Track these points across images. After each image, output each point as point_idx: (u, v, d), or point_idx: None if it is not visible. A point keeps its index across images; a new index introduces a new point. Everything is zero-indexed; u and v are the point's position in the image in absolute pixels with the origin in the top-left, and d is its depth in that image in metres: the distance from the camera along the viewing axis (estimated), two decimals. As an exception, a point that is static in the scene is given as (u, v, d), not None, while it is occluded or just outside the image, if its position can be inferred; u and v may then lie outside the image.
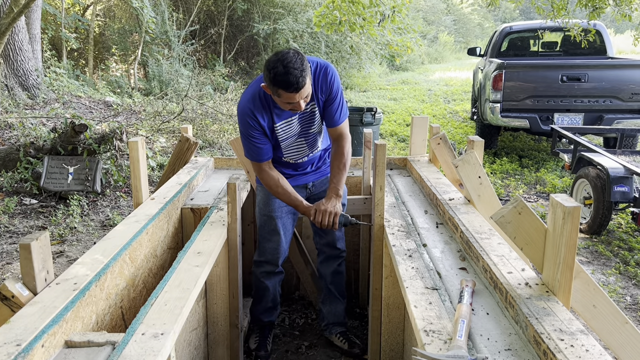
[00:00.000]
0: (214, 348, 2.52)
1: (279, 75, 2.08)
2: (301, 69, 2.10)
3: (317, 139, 2.58)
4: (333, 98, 2.43)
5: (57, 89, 9.13)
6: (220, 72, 12.03)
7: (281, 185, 2.47)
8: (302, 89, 2.13)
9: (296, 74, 2.08)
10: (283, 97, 2.16)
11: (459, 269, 1.88)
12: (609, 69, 6.47)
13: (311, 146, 2.58)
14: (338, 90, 2.43)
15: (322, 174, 2.75)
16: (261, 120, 2.35)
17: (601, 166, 4.20)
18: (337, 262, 2.87)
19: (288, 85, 2.09)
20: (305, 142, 2.54)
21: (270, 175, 2.47)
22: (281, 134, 2.45)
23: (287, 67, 2.08)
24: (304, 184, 2.69)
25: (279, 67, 2.08)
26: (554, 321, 1.37)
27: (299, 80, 2.09)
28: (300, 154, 2.58)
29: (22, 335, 1.31)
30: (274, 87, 2.13)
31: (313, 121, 2.47)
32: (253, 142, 2.39)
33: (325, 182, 2.75)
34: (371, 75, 15.95)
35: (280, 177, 2.50)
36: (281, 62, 2.09)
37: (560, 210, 1.43)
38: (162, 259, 2.39)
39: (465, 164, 2.33)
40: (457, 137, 8.09)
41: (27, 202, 5.00)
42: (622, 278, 3.69)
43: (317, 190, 2.75)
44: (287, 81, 2.09)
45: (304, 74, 2.11)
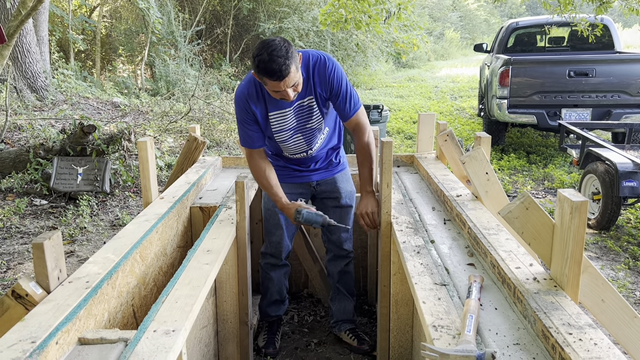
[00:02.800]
0: (224, 345, 2.54)
1: (262, 62, 2.07)
2: (285, 57, 2.07)
3: (316, 136, 2.53)
4: (337, 92, 2.38)
5: (65, 90, 9.20)
6: (226, 72, 12.07)
7: (265, 177, 2.47)
8: (286, 77, 2.10)
9: (280, 62, 2.05)
10: (269, 84, 2.15)
11: (467, 265, 1.88)
12: (617, 64, 6.43)
13: (309, 142, 2.53)
14: (341, 83, 2.38)
15: (328, 174, 2.72)
16: (253, 107, 2.35)
17: (609, 161, 4.19)
18: (344, 262, 2.87)
19: (272, 73, 2.07)
20: (302, 138, 2.50)
21: (258, 163, 2.47)
22: (275, 125, 2.43)
23: (271, 55, 2.05)
24: (308, 182, 2.69)
25: (264, 55, 2.06)
26: (562, 315, 1.38)
27: (282, 68, 2.06)
28: (298, 149, 2.55)
29: (36, 332, 1.34)
30: (259, 74, 2.12)
31: (311, 116, 2.44)
32: (245, 127, 2.42)
33: (331, 183, 2.72)
34: (377, 73, 15.94)
35: (269, 168, 2.49)
36: (266, 50, 2.07)
37: (568, 205, 1.44)
38: (172, 257, 2.42)
39: (473, 161, 2.33)
40: (464, 134, 8.08)
41: (38, 203, 5.05)
42: (631, 273, 3.67)
43: (322, 190, 2.73)
44: (270, 68, 2.06)
45: (287, 62, 2.07)
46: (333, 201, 2.75)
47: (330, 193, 2.73)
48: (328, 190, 2.73)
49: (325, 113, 2.48)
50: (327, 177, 2.71)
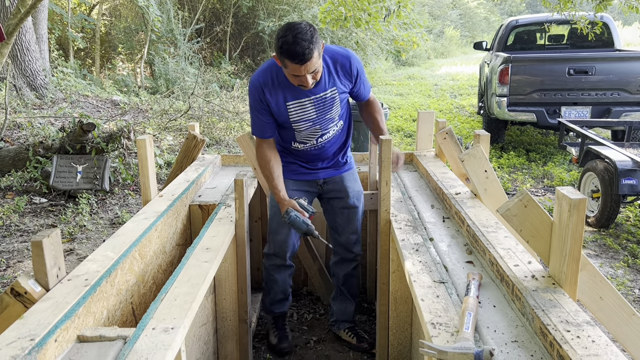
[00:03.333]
0: (223, 343, 2.55)
1: (286, 43, 2.06)
2: (310, 41, 2.06)
3: (330, 126, 2.51)
4: (358, 84, 2.47)
5: (64, 88, 9.19)
6: (226, 70, 12.06)
7: (269, 167, 2.45)
8: (308, 62, 2.09)
9: (304, 45, 2.05)
10: (289, 67, 2.13)
11: (466, 263, 1.89)
12: (617, 62, 6.43)
13: (324, 132, 2.52)
14: (361, 72, 2.45)
15: (336, 172, 2.69)
16: (268, 95, 2.33)
17: (609, 159, 4.19)
18: (351, 266, 2.82)
19: (294, 55, 2.06)
20: (320, 128, 2.49)
21: (265, 153, 2.46)
22: (294, 114, 2.40)
23: (296, 37, 2.04)
24: (315, 180, 2.66)
25: (288, 36, 2.06)
26: (560, 313, 1.38)
27: (305, 52, 2.06)
28: (311, 136, 2.51)
29: (35, 330, 1.34)
30: (281, 55, 2.11)
31: (332, 108, 2.45)
32: (257, 115, 2.41)
33: (338, 181, 2.67)
34: (377, 71, 15.93)
35: (275, 159, 2.47)
36: (291, 32, 2.06)
37: (566, 202, 1.44)
38: (171, 255, 2.42)
39: (472, 158, 2.33)
40: (464, 132, 8.08)
41: (37, 201, 5.05)
42: (630, 271, 3.68)
43: (329, 189, 2.69)
44: (293, 51, 2.05)
45: (311, 46, 2.07)
46: (340, 202, 2.70)
47: (337, 192, 2.69)
48: (335, 189, 2.69)
49: (344, 105, 2.52)
50: (335, 175, 2.68)
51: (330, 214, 2.76)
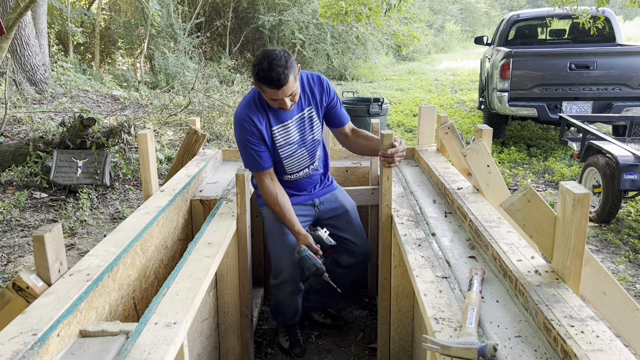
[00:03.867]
0: (225, 338, 2.55)
1: (262, 70, 2.17)
2: (285, 66, 2.17)
3: (317, 148, 2.59)
4: (335, 101, 2.55)
5: (64, 83, 9.17)
6: (226, 65, 12.03)
7: (279, 204, 2.46)
8: (284, 86, 2.19)
9: (279, 71, 2.15)
10: (267, 92, 2.24)
11: (468, 258, 1.88)
12: (618, 56, 6.41)
13: (312, 156, 2.58)
14: (335, 94, 2.57)
15: (329, 190, 2.75)
16: (258, 123, 2.38)
17: (610, 154, 4.18)
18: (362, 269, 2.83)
19: (270, 81, 2.17)
20: (306, 151, 2.54)
21: (269, 188, 2.46)
22: (280, 139, 2.46)
23: (271, 64, 2.15)
24: (312, 202, 2.68)
25: (264, 63, 2.17)
26: (564, 308, 1.37)
27: (280, 77, 2.16)
28: (302, 164, 2.56)
29: (37, 325, 1.34)
30: (259, 82, 2.22)
31: (312, 127, 2.52)
32: (251, 147, 2.40)
33: (333, 200, 2.72)
34: (377, 66, 15.90)
35: (280, 193, 2.48)
36: (266, 59, 2.17)
37: (570, 197, 1.43)
38: (173, 250, 2.41)
39: (474, 153, 2.33)
40: (465, 127, 8.06)
41: (38, 196, 5.05)
42: (631, 266, 3.68)
43: (326, 208, 2.71)
44: (269, 77, 2.16)
45: (286, 71, 2.17)
46: (340, 218, 2.73)
47: (335, 210, 2.73)
48: (332, 207, 2.73)
49: (322, 127, 2.57)
50: (328, 192, 2.74)
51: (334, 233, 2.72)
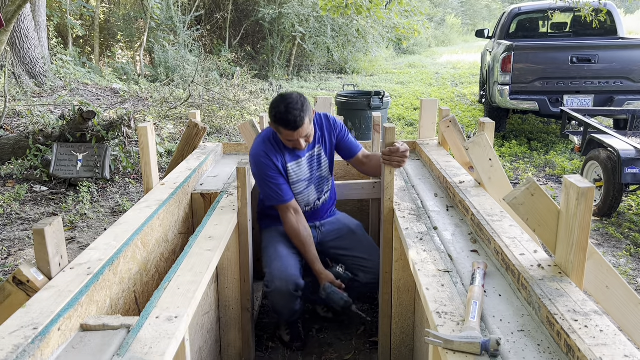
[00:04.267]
0: (226, 331, 2.55)
1: (279, 113, 2.32)
2: (301, 110, 2.31)
3: (324, 185, 2.71)
4: (344, 132, 2.68)
5: (63, 76, 9.14)
6: (226, 58, 11.99)
7: (302, 240, 2.55)
8: (300, 128, 2.34)
9: (295, 114, 2.30)
10: (283, 134, 2.38)
11: (471, 252, 1.87)
12: (620, 50, 6.38)
13: (319, 191, 2.70)
14: (344, 128, 2.70)
15: (330, 215, 2.84)
16: (274, 159, 2.50)
17: (612, 148, 4.17)
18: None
19: (287, 123, 2.32)
20: (314, 188, 2.67)
21: (293, 225, 2.54)
22: (293, 175, 2.57)
23: (288, 107, 2.30)
24: (313, 224, 2.73)
25: (281, 107, 2.32)
26: (568, 302, 1.37)
27: (296, 120, 2.31)
28: (310, 199, 2.68)
29: (38, 319, 1.33)
30: (276, 124, 2.37)
31: (320, 164, 2.65)
32: (271, 182, 2.50)
33: (334, 222, 2.81)
34: (378, 59, 15.85)
35: (303, 228, 2.56)
36: (283, 102, 2.32)
37: (574, 191, 1.42)
38: (174, 243, 2.41)
39: (476, 147, 2.32)
40: (466, 121, 8.04)
41: (38, 189, 5.04)
42: (633, 260, 3.67)
43: (327, 230, 2.77)
44: (286, 119, 2.31)
45: (302, 114, 2.32)
46: (345, 238, 2.75)
47: (339, 231, 2.78)
48: (335, 228, 2.79)
49: (331, 163, 2.70)
50: (330, 217, 2.84)
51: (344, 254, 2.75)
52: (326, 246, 2.75)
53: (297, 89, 11.41)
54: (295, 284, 2.45)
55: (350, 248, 2.72)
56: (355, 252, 2.71)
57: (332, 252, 2.76)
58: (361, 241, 2.75)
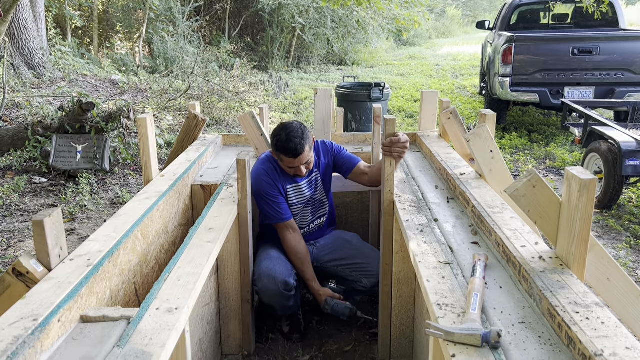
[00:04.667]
0: (226, 323, 2.55)
1: (280, 141, 2.42)
2: (301, 138, 2.41)
3: (320, 209, 2.78)
4: (339, 148, 2.76)
5: (62, 67, 9.10)
6: (225, 49, 11.94)
7: (300, 259, 2.62)
8: (301, 155, 2.43)
9: (296, 142, 2.40)
10: (285, 161, 2.47)
11: (471, 244, 1.87)
12: (621, 41, 6.36)
13: (315, 214, 2.77)
14: (339, 147, 2.78)
15: (325, 234, 2.89)
16: (275, 180, 2.57)
17: (613, 140, 4.16)
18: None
19: (288, 151, 2.41)
20: (310, 210, 2.74)
21: (292, 244, 2.61)
22: (292, 197, 2.64)
23: (289, 136, 2.40)
24: (308, 242, 2.78)
25: (282, 135, 2.41)
26: (569, 294, 1.36)
27: (297, 147, 2.40)
28: (305, 222, 2.75)
29: (38, 310, 1.33)
30: (277, 152, 2.46)
31: (316, 188, 2.73)
32: (270, 200, 2.55)
33: (328, 237, 2.87)
34: (378, 51, 15.79)
35: (301, 247, 2.63)
36: (284, 131, 2.42)
37: (576, 183, 1.41)
38: (174, 235, 2.40)
39: (477, 138, 2.31)
40: (466, 113, 8.02)
41: (37, 181, 5.03)
42: (632, 252, 3.67)
43: (321, 245, 2.82)
44: (287, 147, 2.40)
45: (303, 142, 2.41)
46: (342, 249, 2.78)
47: (334, 244, 2.82)
48: (330, 242, 2.84)
49: (327, 187, 2.78)
50: (325, 235, 2.90)
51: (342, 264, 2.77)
52: (323, 260, 2.78)
53: (296, 81, 11.38)
54: (285, 283, 2.49)
55: (348, 257, 2.75)
56: (354, 259, 2.74)
57: (330, 266, 2.78)
58: (359, 248, 2.79)
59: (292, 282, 2.53)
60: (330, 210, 2.88)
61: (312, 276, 2.66)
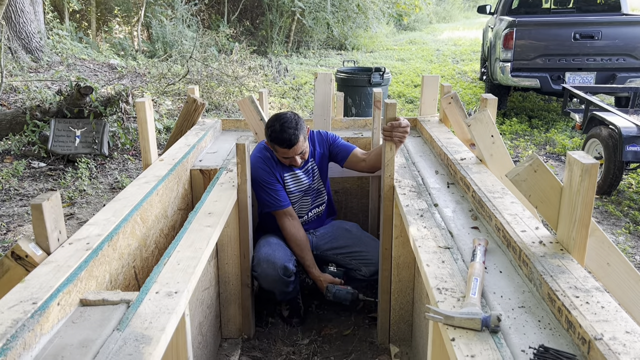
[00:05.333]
0: (226, 307, 2.55)
1: (274, 132, 2.43)
2: (295, 128, 2.42)
3: (318, 197, 2.79)
4: (334, 137, 2.77)
5: (60, 51, 9.03)
6: (224, 33, 11.83)
7: (299, 245, 2.62)
8: (295, 145, 2.44)
9: (290, 132, 2.40)
10: (279, 152, 2.49)
11: (471, 228, 1.87)
12: (624, 26, 6.31)
13: (314, 202, 2.78)
14: (334, 135, 2.79)
15: (324, 223, 2.89)
16: (272, 167, 2.58)
17: (613, 125, 4.14)
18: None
19: (282, 142, 2.42)
20: (309, 198, 2.75)
21: (291, 231, 2.62)
22: (291, 185, 2.65)
23: (283, 126, 2.41)
24: (308, 230, 2.79)
25: (276, 126, 2.42)
26: (569, 279, 1.36)
27: (291, 138, 2.41)
28: (303, 210, 2.76)
29: (37, 293, 1.32)
30: (272, 142, 2.47)
31: (314, 177, 2.73)
32: (268, 187, 2.56)
33: (329, 227, 2.86)
34: (378, 36, 15.66)
35: (300, 234, 2.63)
36: (278, 122, 2.42)
37: (578, 167, 1.41)
38: (173, 219, 2.40)
39: (478, 123, 2.29)
40: (467, 98, 7.99)
41: (36, 165, 5.01)
42: (632, 237, 3.68)
43: (321, 234, 2.82)
44: (281, 138, 2.42)
45: (297, 132, 2.42)
46: (341, 237, 2.78)
47: (333, 233, 2.82)
48: (330, 230, 2.83)
49: (325, 176, 2.79)
50: (324, 224, 2.90)
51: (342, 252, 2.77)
52: (323, 249, 2.79)
53: (296, 65, 11.31)
54: (284, 268, 2.49)
55: (348, 245, 2.75)
56: (353, 247, 2.74)
57: (329, 254, 2.78)
58: (359, 237, 2.79)
59: (292, 267, 2.53)
60: (328, 199, 2.88)
61: (312, 262, 2.67)
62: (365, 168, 2.70)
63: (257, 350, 2.56)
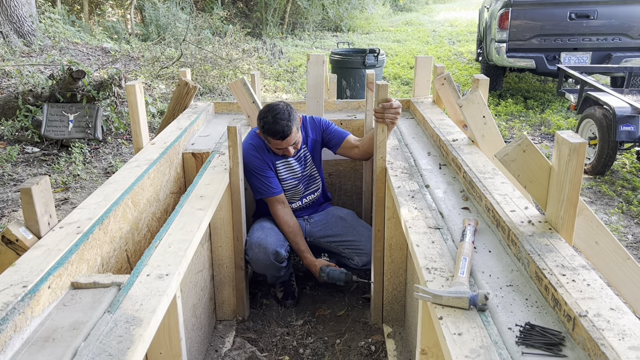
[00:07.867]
0: (220, 289, 2.57)
1: (267, 123, 2.42)
2: (288, 119, 2.42)
3: (312, 184, 2.79)
4: (327, 123, 2.75)
5: (52, 35, 8.93)
6: (218, 15, 11.71)
7: (293, 232, 2.64)
8: (288, 137, 2.44)
9: (282, 124, 2.40)
10: (272, 143, 2.49)
11: (462, 209, 1.87)
12: (619, 5, 6.27)
13: (308, 189, 2.79)
14: (328, 122, 2.77)
15: (319, 210, 2.89)
16: (264, 155, 2.59)
17: (608, 105, 4.14)
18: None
19: (275, 133, 2.42)
20: (302, 186, 2.76)
21: (283, 218, 2.63)
22: (283, 173, 2.66)
23: (275, 117, 2.40)
24: (301, 217, 2.81)
25: (269, 117, 2.41)
26: (556, 257, 1.37)
27: (284, 129, 2.41)
28: (296, 196, 2.76)
29: (28, 277, 1.33)
30: (264, 134, 2.47)
31: (306, 164, 2.74)
32: (260, 175, 2.57)
33: (322, 213, 2.86)
34: (374, 17, 15.53)
35: (293, 221, 2.65)
36: (270, 113, 2.42)
37: (566, 146, 1.41)
38: (165, 203, 2.40)
39: (470, 104, 2.29)
40: (462, 79, 7.95)
41: (29, 151, 5.00)
42: (624, 217, 3.70)
43: (314, 221, 2.81)
44: (274, 129, 2.41)
45: (289, 124, 2.42)
46: (335, 225, 2.78)
47: (327, 221, 2.81)
48: (323, 218, 2.82)
49: (318, 162, 2.79)
50: (320, 211, 2.90)
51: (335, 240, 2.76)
52: (316, 236, 2.79)
53: (291, 47, 11.22)
54: (276, 253, 2.51)
55: (341, 234, 2.75)
56: (346, 236, 2.74)
57: (322, 242, 2.78)
58: (352, 226, 2.78)
59: (283, 253, 2.55)
60: (322, 185, 2.88)
61: (305, 248, 2.68)
62: (359, 155, 2.70)
63: (252, 332, 2.59)
